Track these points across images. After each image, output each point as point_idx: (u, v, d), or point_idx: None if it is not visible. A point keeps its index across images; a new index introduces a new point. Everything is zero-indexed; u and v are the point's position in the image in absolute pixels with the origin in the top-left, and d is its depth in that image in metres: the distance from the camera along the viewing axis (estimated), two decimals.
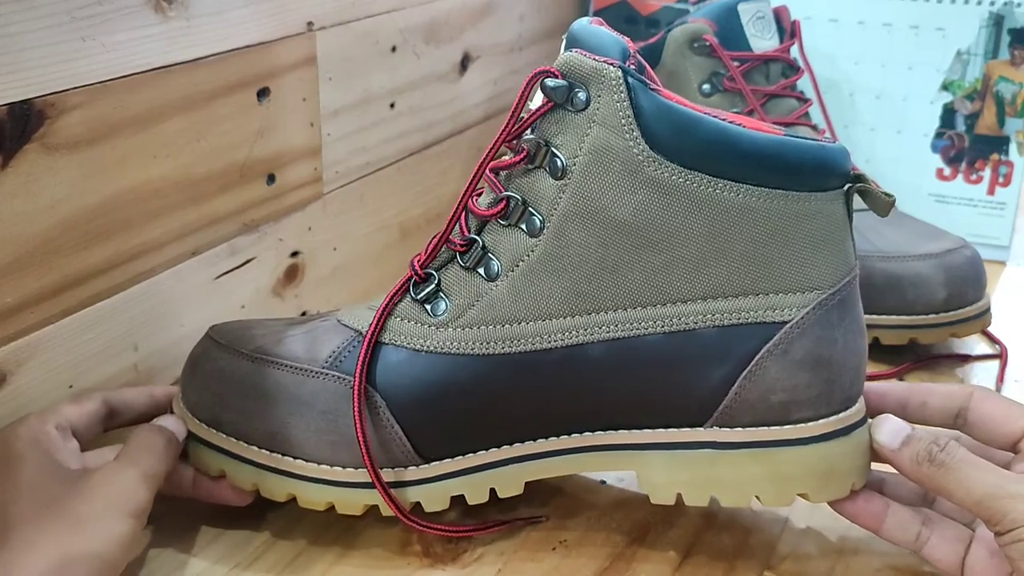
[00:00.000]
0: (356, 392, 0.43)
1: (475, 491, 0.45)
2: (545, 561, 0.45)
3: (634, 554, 0.46)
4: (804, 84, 0.72)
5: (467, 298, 0.44)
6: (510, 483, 0.45)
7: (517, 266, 0.43)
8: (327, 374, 0.44)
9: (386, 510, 0.44)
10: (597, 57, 0.41)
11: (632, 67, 0.42)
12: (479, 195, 0.45)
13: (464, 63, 0.75)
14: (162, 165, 0.50)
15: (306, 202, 0.61)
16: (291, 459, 0.44)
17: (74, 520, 0.38)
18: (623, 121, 0.41)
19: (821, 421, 0.43)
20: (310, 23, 0.58)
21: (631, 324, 0.42)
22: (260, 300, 0.59)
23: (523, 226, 0.43)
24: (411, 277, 0.45)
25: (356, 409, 0.43)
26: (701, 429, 0.43)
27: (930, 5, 0.78)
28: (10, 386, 0.44)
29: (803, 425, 0.43)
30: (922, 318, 0.62)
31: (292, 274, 0.61)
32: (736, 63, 0.68)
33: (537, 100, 0.43)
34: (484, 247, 0.44)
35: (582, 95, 0.41)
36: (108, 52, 0.46)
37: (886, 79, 0.80)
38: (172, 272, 0.52)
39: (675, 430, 0.43)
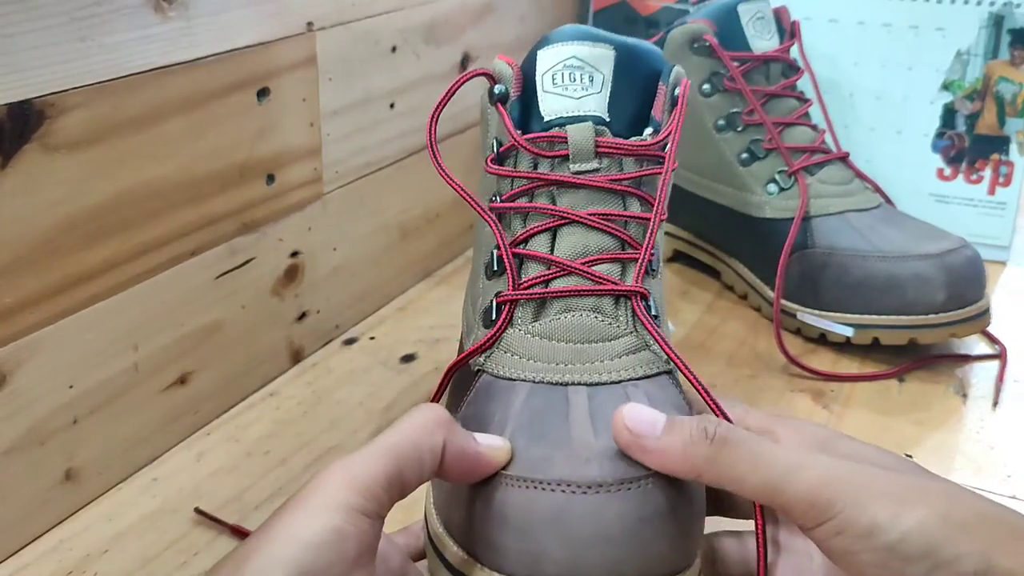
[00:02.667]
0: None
1: None
2: None
3: None
4: (804, 84, 0.72)
5: (658, 300, 0.43)
6: None
7: (660, 251, 0.45)
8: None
9: None
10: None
11: None
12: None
13: (464, 63, 0.75)
14: (162, 165, 0.50)
15: (306, 202, 0.61)
16: None
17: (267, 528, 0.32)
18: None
19: None
20: (310, 23, 0.58)
21: None
22: (260, 300, 0.59)
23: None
24: (642, 297, 0.41)
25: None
26: None
27: (930, 5, 0.78)
28: (10, 386, 0.44)
29: None
30: (922, 318, 0.62)
31: (292, 274, 0.61)
32: (736, 63, 0.68)
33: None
34: (655, 247, 0.44)
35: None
36: (107, 52, 0.46)
37: (886, 79, 0.80)
38: (172, 272, 0.52)
39: None
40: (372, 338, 0.67)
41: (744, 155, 0.70)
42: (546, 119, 0.45)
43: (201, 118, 0.52)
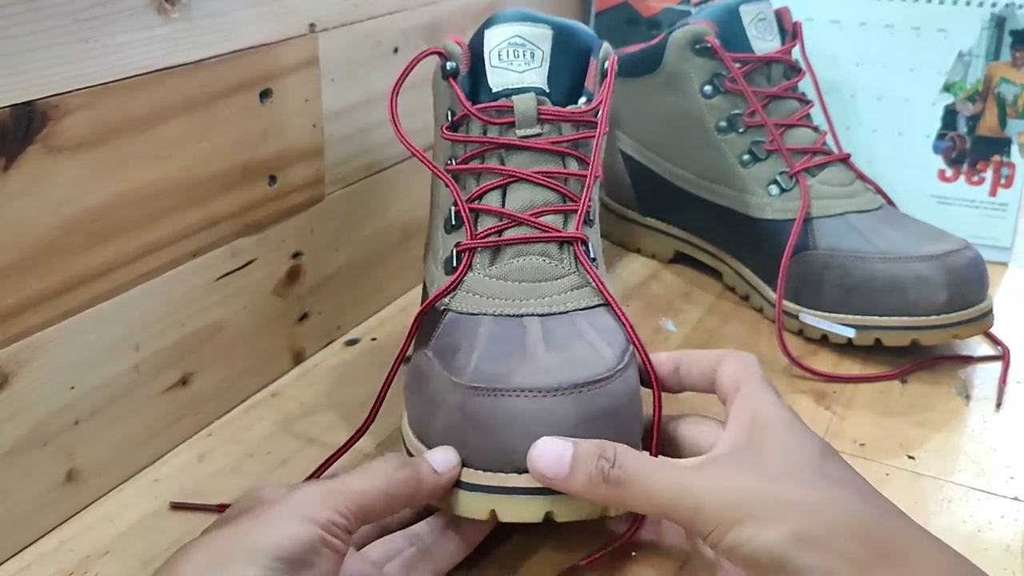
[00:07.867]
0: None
1: None
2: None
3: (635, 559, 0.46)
4: (806, 85, 0.72)
5: (595, 246, 0.51)
6: None
7: (596, 204, 0.53)
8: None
9: None
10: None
11: None
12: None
13: None
14: (164, 166, 0.50)
15: (308, 203, 0.61)
16: None
17: (249, 517, 0.37)
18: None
19: None
20: (312, 25, 0.58)
21: None
22: (262, 301, 0.59)
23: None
24: (582, 243, 0.49)
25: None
26: None
27: (932, 6, 0.78)
28: (12, 387, 0.44)
29: None
30: (924, 319, 0.62)
31: (294, 275, 0.61)
32: (738, 64, 0.68)
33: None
34: (592, 200, 0.51)
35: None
36: (110, 54, 0.46)
37: (888, 80, 0.80)
38: (174, 273, 0.52)
39: None
40: (374, 339, 0.67)
41: (745, 156, 0.70)
42: (494, 90, 0.52)
43: (203, 119, 0.52)
